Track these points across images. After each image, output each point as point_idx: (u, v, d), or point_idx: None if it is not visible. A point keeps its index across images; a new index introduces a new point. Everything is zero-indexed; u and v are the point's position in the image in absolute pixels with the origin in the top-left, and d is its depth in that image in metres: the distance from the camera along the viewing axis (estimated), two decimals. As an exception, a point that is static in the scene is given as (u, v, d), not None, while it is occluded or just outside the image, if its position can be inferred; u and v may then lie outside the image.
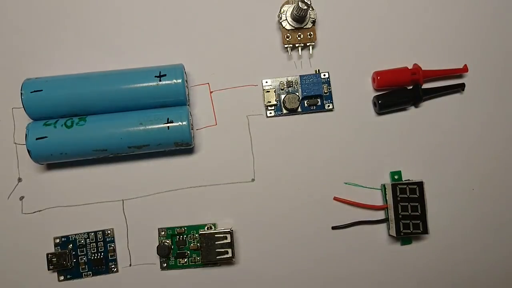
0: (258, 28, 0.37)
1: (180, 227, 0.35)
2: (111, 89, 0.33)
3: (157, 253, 0.35)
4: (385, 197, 0.36)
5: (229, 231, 0.34)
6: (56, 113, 0.34)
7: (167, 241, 0.35)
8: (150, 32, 0.37)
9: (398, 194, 0.35)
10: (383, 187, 0.36)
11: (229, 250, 0.34)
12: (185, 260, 0.35)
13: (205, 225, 0.35)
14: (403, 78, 0.37)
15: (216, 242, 0.34)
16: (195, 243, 0.35)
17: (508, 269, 0.38)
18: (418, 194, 0.35)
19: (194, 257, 0.35)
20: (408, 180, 0.36)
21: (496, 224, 0.38)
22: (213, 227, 0.35)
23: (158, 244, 0.35)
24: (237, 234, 0.36)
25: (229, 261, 0.35)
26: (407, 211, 0.35)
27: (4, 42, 0.37)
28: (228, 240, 0.34)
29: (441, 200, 0.37)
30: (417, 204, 0.35)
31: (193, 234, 0.35)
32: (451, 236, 0.37)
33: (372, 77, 0.37)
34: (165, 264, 0.35)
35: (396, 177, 0.37)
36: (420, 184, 0.35)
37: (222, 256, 0.34)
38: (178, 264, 0.35)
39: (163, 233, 0.35)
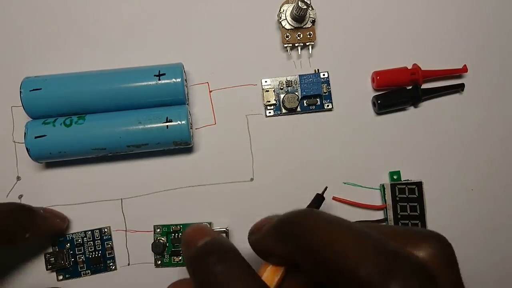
0: (257, 28, 0.37)
1: (176, 225, 0.35)
2: (110, 88, 0.33)
3: (152, 250, 0.35)
4: (384, 197, 0.36)
5: (224, 230, 0.34)
6: (55, 111, 0.34)
7: (162, 239, 0.35)
8: (150, 31, 0.37)
9: (397, 194, 0.35)
10: (382, 187, 0.36)
11: None
12: (180, 258, 0.35)
13: (201, 223, 0.35)
14: (403, 78, 0.37)
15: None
16: (190, 241, 0.35)
17: (507, 270, 0.37)
18: (417, 194, 0.35)
19: (189, 255, 0.35)
20: (407, 180, 0.36)
21: (495, 225, 0.37)
22: (209, 226, 0.35)
23: (153, 241, 0.35)
24: (234, 233, 0.36)
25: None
26: (406, 211, 0.35)
27: (3, 41, 0.37)
28: (224, 240, 0.34)
29: (440, 200, 0.37)
30: (416, 204, 0.35)
31: (188, 232, 0.35)
32: (450, 236, 0.37)
33: (372, 77, 0.37)
34: (159, 262, 0.35)
35: (395, 177, 0.37)
36: (419, 184, 0.35)
37: None
38: (173, 262, 0.35)
39: (158, 230, 0.35)
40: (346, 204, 0.37)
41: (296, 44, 0.37)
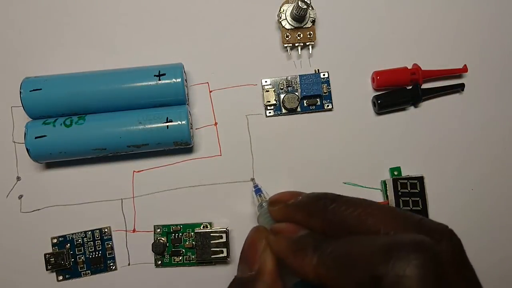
0: (257, 28, 0.37)
1: (176, 225, 0.35)
2: (111, 88, 0.33)
3: (152, 250, 0.35)
4: (386, 193, 0.36)
5: (224, 230, 0.34)
6: (55, 112, 0.34)
7: (162, 239, 0.35)
8: (150, 31, 0.37)
9: (399, 189, 0.35)
10: (383, 183, 0.36)
11: (224, 250, 0.34)
12: (180, 258, 0.35)
13: (201, 223, 0.35)
14: (403, 78, 0.37)
15: (212, 241, 0.34)
16: (190, 241, 0.35)
17: (507, 269, 0.38)
18: (419, 189, 0.35)
19: (189, 256, 0.35)
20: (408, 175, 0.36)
21: (495, 225, 0.37)
22: (209, 226, 0.35)
23: (153, 241, 0.35)
24: (233, 234, 0.36)
25: (224, 261, 0.35)
26: (408, 206, 0.35)
27: (3, 41, 0.37)
28: (224, 240, 0.34)
29: (440, 200, 0.37)
30: (418, 199, 0.35)
31: (188, 232, 0.35)
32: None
33: (372, 77, 0.37)
34: (160, 262, 0.35)
35: (395, 173, 0.37)
36: (420, 179, 0.35)
37: (217, 256, 0.34)
38: (173, 262, 0.35)
39: (158, 230, 0.35)
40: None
41: (296, 44, 0.37)
